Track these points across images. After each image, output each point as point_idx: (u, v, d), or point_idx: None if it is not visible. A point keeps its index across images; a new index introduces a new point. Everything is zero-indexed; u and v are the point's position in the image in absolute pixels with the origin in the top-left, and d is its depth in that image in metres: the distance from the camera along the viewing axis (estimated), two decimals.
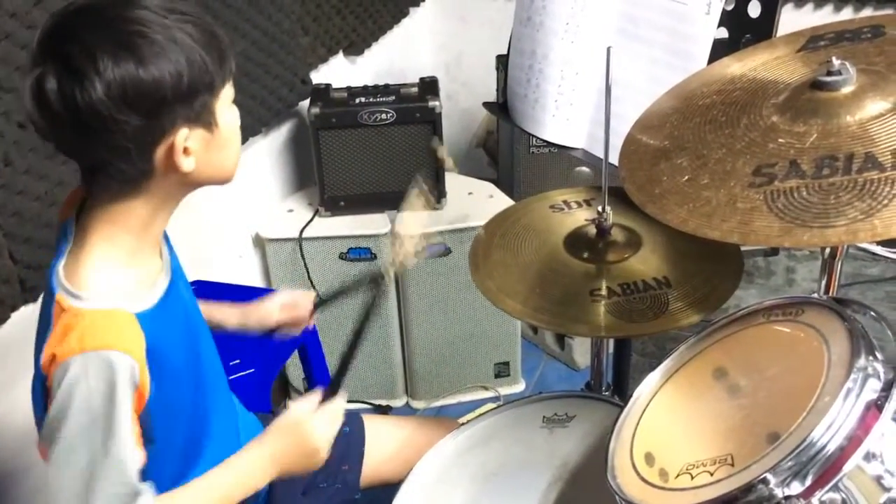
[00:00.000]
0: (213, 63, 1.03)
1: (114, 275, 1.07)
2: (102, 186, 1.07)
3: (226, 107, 1.09)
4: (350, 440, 1.51)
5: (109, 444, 1.00)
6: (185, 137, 1.03)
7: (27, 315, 1.53)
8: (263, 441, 1.19)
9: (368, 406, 2.49)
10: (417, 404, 2.53)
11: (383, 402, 2.51)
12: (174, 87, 0.99)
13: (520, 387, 2.56)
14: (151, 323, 1.07)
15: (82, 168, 1.08)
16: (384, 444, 1.54)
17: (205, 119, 1.05)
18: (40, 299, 1.15)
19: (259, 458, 1.17)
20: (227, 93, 1.09)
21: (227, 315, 1.46)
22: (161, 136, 1.02)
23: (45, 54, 0.98)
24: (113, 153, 1.01)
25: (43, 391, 1.05)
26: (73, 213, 1.11)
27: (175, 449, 1.17)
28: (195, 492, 1.12)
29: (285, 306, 1.48)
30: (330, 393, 1.23)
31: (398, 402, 2.54)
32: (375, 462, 1.52)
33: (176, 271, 1.19)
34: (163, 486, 1.11)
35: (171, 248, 1.23)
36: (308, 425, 1.20)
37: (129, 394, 1.02)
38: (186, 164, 1.05)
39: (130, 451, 1.03)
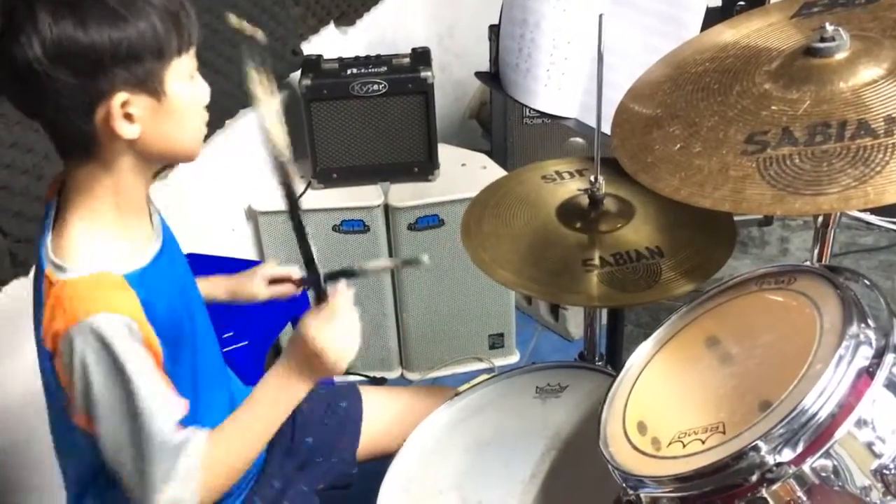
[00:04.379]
0: (165, 31, 1.01)
1: (98, 242, 1.07)
2: (67, 155, 1.08)
3: (181, 78, 1.06)
4: (347, 415, 1.51)
5: (133, 401, 1.02)
6: (125, 102, 1.01)
7: (18, 289, 1.53)
8: (279, 361, 1.18)
9: (364, 378, 2.49)
10: (412, 376, 2.54)
11: (378, 374, 2.51)
12: (113, 50, 0.98)
13: (514, 358, 2.56)
14: (142, 283, 1.07)
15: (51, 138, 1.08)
16: (381, 416, 1.53)
17: (150, 86, 1.03)
18: (31, 274, 1.15)
19: (281, 376, 1.16)
20: (184, 63, 1.06)
21: (217, 288, 1.46)
22: (98, 97, 1.00)
23: None
24: (52, 110, 1.01)
25: (53, 367, 1.06)
26: (55, 197, 1.12)
27: None
28: (240, 421, 1.15)
29: (273, 282, 1.48)
30: (319, 292, 1.17)
31: (393, 374, 2.54)
32: (372, 434, 1.52)
33: (167, 238, 1.19)
34: None
35: (160, 216, 1.22)
36: (305, 329, 1.15)
37: (135, 348, 1.03)
38: (128, 130, 1.03)
39: (160, 400, 1.05)
